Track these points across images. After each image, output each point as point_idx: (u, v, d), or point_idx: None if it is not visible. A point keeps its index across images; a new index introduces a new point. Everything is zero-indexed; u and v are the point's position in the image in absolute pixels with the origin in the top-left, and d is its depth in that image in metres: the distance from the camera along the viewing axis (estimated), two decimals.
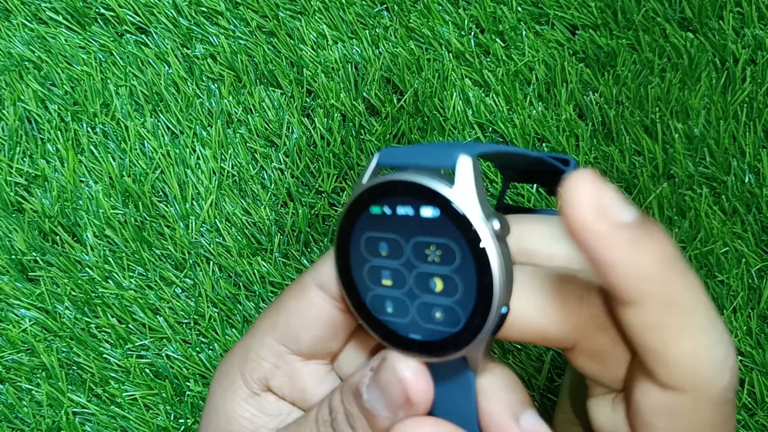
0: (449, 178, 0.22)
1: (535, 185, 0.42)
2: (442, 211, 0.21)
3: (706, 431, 0.20)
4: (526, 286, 0.22)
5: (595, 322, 0.21)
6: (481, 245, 0.21)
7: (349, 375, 0.24)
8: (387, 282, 0.23)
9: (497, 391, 0.23)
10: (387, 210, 0.23)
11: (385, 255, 0.23)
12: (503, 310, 0.21)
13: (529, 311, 0.21)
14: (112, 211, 0.42)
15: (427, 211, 0.22)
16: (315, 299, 0.25)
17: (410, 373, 0.22)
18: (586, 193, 0.18)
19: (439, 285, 0.23)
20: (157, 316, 0.42)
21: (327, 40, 0.44)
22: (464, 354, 0.22)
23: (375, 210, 0.23)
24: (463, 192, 0.21)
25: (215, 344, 0.42)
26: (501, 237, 0.21)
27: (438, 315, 0.23)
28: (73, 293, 0.42)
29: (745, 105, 0.42)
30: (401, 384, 0.22)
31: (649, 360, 0.20)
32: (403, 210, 0.22)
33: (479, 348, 0.22)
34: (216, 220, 0.42)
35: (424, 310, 0.23)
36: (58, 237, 0.42)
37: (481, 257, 0.21)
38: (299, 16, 0.44)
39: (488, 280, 0.21)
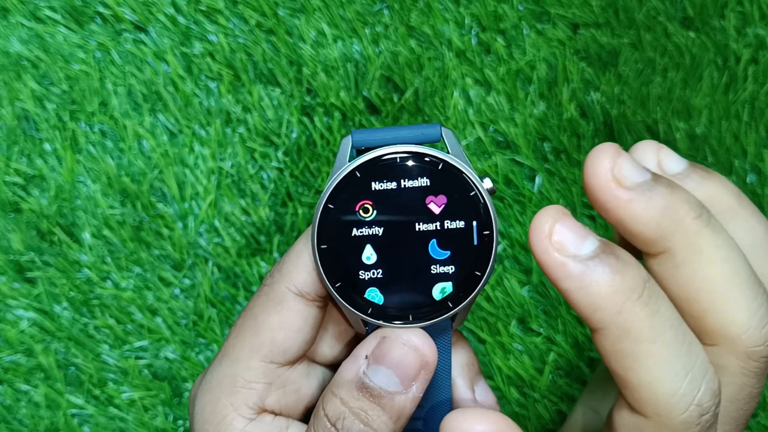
0: (431, 148, 0.23)
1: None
2: (441, 175, 0.22)
3: None
4: None
5: None
6: (482, 200, 0.22)
7: (329, 378, 0.24)
8: (376, 257, 0.23)
9: (458, 368, 0.26)
10: (380, 184, 0.23)
11: (378, 229, 0.23)
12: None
13: None
14: (109, 210, 0.42)
15: (424, 177, 0.22)
16: (296, 307, 0.24)
17: (420, 339, 0.23)
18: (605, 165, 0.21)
19: (436, 245, 0.23)
20: (156, 317, 0.42)
21: (327, 39, 0.44)
22: (458, 310, 0.23)
23: (365, 185, 0.23)
24: (457, 155, 0.23)
25: (214, 345, 0.42)
26: (491, 193, 0.23)
27: (435, 274, 0.23)
28: (71, 293, 0.41)
29: (747, 104, 0.42)
30: (416, 352, 0.22)
31: (618, 383, 0.21)
32: (396, 181, 0.22)
33: (473, 300, 0.23)
34: (215, 220, 0.42)
35: (420, 275, 0.23)
36: (55, 237, 0.42)
37: (483, 212, 0.22)
38: (298, 14, 0.44)
39: (489, 231, 0.22)
